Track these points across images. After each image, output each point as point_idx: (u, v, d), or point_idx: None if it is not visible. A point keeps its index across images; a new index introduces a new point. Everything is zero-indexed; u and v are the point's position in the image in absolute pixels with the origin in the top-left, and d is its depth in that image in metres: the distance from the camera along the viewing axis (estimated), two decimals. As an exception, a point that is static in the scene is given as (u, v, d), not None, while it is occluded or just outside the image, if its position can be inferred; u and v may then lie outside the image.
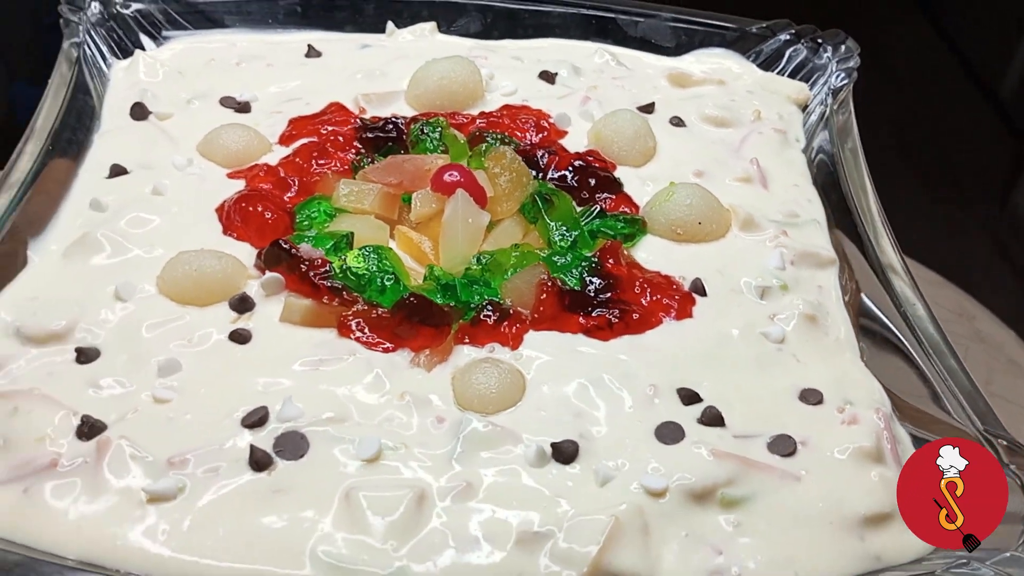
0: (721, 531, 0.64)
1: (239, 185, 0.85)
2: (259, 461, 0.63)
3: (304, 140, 0.90)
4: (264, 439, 0.65)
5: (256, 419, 0.66)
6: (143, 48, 0.99)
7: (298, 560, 0.59)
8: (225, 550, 0.60)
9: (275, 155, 0.88)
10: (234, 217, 0.81)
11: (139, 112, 0.91)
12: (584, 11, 1.09)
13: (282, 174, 0.86)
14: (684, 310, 0.78)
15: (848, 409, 0.72)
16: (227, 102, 0.94)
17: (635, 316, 0.76)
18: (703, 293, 0.80)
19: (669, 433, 0.69)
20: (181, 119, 0.91)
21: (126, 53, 0.99)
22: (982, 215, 2.10)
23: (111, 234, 0.78)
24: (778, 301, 0.80)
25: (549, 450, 0.67)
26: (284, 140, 0.90)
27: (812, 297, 0.81)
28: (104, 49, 0.97)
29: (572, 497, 0.64)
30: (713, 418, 0.70)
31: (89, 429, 0.64)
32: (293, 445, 0.65)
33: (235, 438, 0.65)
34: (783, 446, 0.69)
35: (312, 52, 1.02)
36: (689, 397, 0.72)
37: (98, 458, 0.62)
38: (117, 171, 0.85)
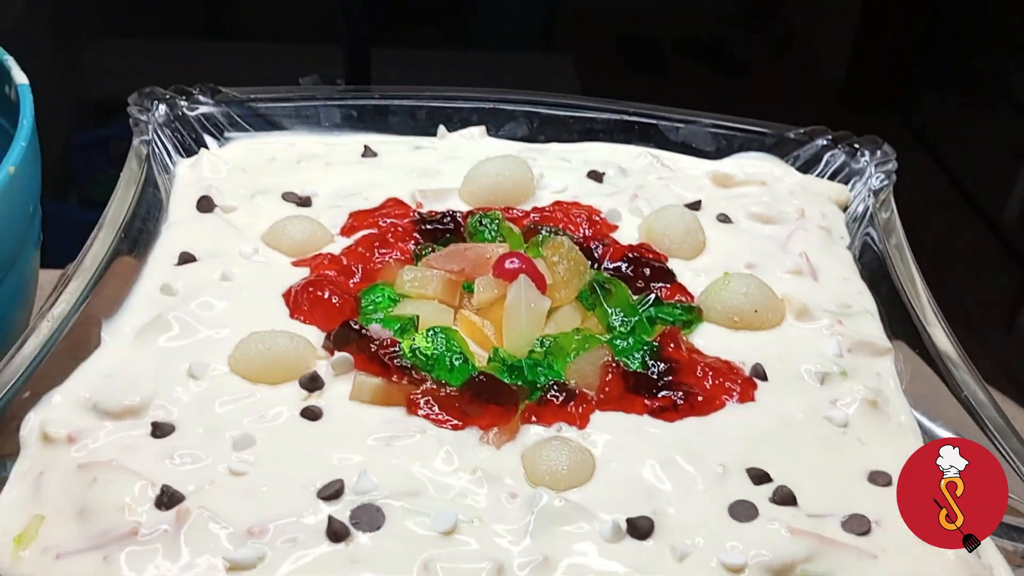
0: (802, 607, 0.63)
1: (304, 272, 0.87)
2: (337, 532, 0.63)
3: (365, 232, 0.92)
4: (340, 511, 0.65)
5: (332, 491, 0.66)
6: (207, 147, 1.03)
7: (378, 631, 0.59)
8: (305, 621, 0.59)
9: (337, 245, 0.91)
10: (301, 301, 0.82)
11: (205, 205, 0.94)
12: (627, 117, 1.13)
13: (345, 262, 0.88)
14: (746, 394, 0.79)
15: (918, 490, 0.72)
16: (289, 197, 0.97)
17: (699, 398, 0.77)
18: (764, 378, 0.81)
19: (743, 511, 0.69)
20: (245, 212, 0.94)
21: (190, 152, 1.02)
22: (989, 341, 2.11)
23: (182, 316, 0.80)
24: (838, 387, 0.81)
25: (624, 526, 0.66)
26: (345, 231, 0.93)
27: (871, 384, 0.82)
28: (170, 148, 1.01)
29: (650, 573, 0.64)
30: (785, 497, 0.70)
31: (168, 499, 0.64)
32: (370, 517, 0.65)
33: (312, 509, 0.65)
34: (857, 525, 0.69)
35: (368, 152, 1.05)
36: (759, 477, 0.72)
37: (177, 527, 0.62)
38: (186, 259, 0.87)
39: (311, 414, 0.73)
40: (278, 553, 0.62)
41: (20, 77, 0.88)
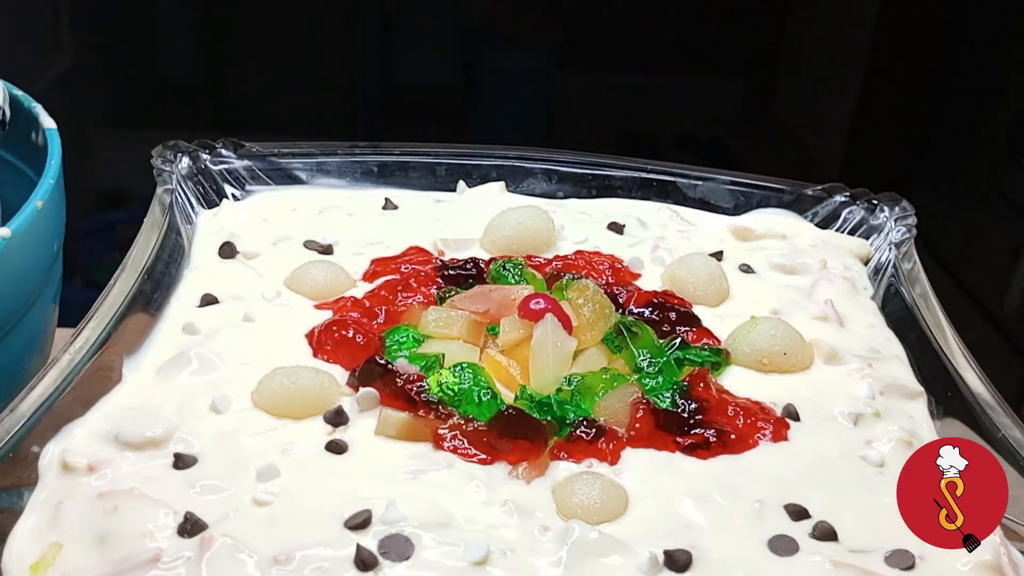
0: (851, 641, 0.61)
1: (327, 315, 0.86)
2: (365, 561, 0.61)
3: (387, 277, 0.92)
4: (368, 541, 0.63)
5: (359, 521, 0.64)
6: (228, 198, 1.03)
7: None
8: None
9: (359, 290, 0.90)
10: (325, 341, 0.81)
11: (227, 251, 0.93)
12: (645, 175, 1.14)
13: (368, 305, 0.87)
14: (779, 433, 0.77)
15: (961, 528, 0.69)
16: (311, 245, 0.96)
17: (732, 436, 0.75)
18: (796, 418, 0.79)
19: (783, 546, 0.67)
20: (267, 258, 0.94)
21: (212, 205, 1.03)
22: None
23: (205, 352, 0.78)
24: (872, 428, 0.79)
25: (662, 558, 0.64)
26: (367, 277, 0.92)
27: (906, 425, 0.80)
28: (192, 200, 1.01)
29: (691, 605, 0.61)
30: (826, 532, 0.68)
31: (192, 526, 0.62)
32: (399, 547, 0.63)
33: (339, 539, 0.63)
34: (901, 560, 0.66)
35: (389, 205, 1.05)
36: (798, 513, 0.70)
37: (201, 553, 0.60)
38: (208, 300, 0.86)
39: (336, 447, 0.71)
40: (306, 581, 0.59)
41: (48, 122, 0.89)
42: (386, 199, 1.06)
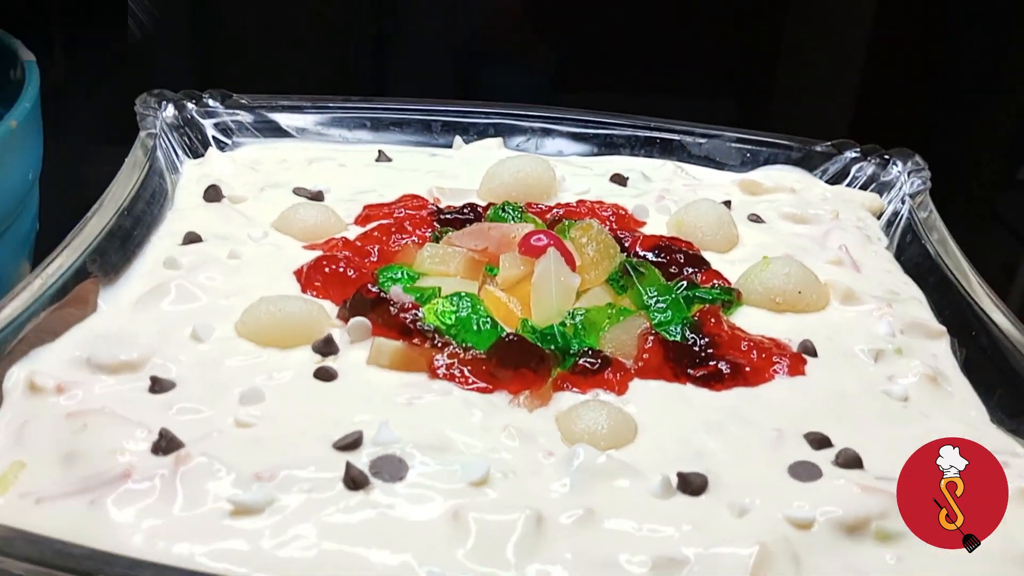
0: (883, 564, 0.56)
1: (316, 255, 0.81)
2: (355, 480, 0.56)
3: (381, 222, 0.87)
4: (360, 461, 0.58)
5: (350, 442, 0.60)
6: (213, 145, 0.99)
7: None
8: (320, 568, 0.51)
9: (351, 233, 0.86)
10: (314, 277, 0.77)
11: (213, 194, 0.89)
12: (648, 132, 1.10)
13: (360, 245, 0.82)
14: (796, 368, 0.73)
15: (993, 457, 0.65)
16: (300, 191, 0.92)
17: (747, 369, 0.71)
18: (814, 354, 0.75)
19: (805, 471, 0.62)
20: (255, 203, 0.89)
21: (197, 155, 0.98)
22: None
23: (186, 284, 0.74)
24: (894, 364, 0.75)
25: (675, 481, 0.59)
26: (359, 221, 0.88)
27: (929, 362, 0.75)
28: (178, 150, 0.97)
29: (707, 527, 0.57)
30: (850, 459, 0.63)
31: (167, 444, 0.57)
32: (392, 467, 0.58)
33: (328, 459, 0.58)
34: (932, 487, 0.61)
35: (383, 157, 1.01)
36: (819, 441, 0.65)
37: (175, 470, 0.55)
38: (191, 238, 0.82)
39: (326, 374, 0.66)
40: (290, 498, 0.55)
41: (26, 55, 0.85)
42: (379, 151, 1.02)
